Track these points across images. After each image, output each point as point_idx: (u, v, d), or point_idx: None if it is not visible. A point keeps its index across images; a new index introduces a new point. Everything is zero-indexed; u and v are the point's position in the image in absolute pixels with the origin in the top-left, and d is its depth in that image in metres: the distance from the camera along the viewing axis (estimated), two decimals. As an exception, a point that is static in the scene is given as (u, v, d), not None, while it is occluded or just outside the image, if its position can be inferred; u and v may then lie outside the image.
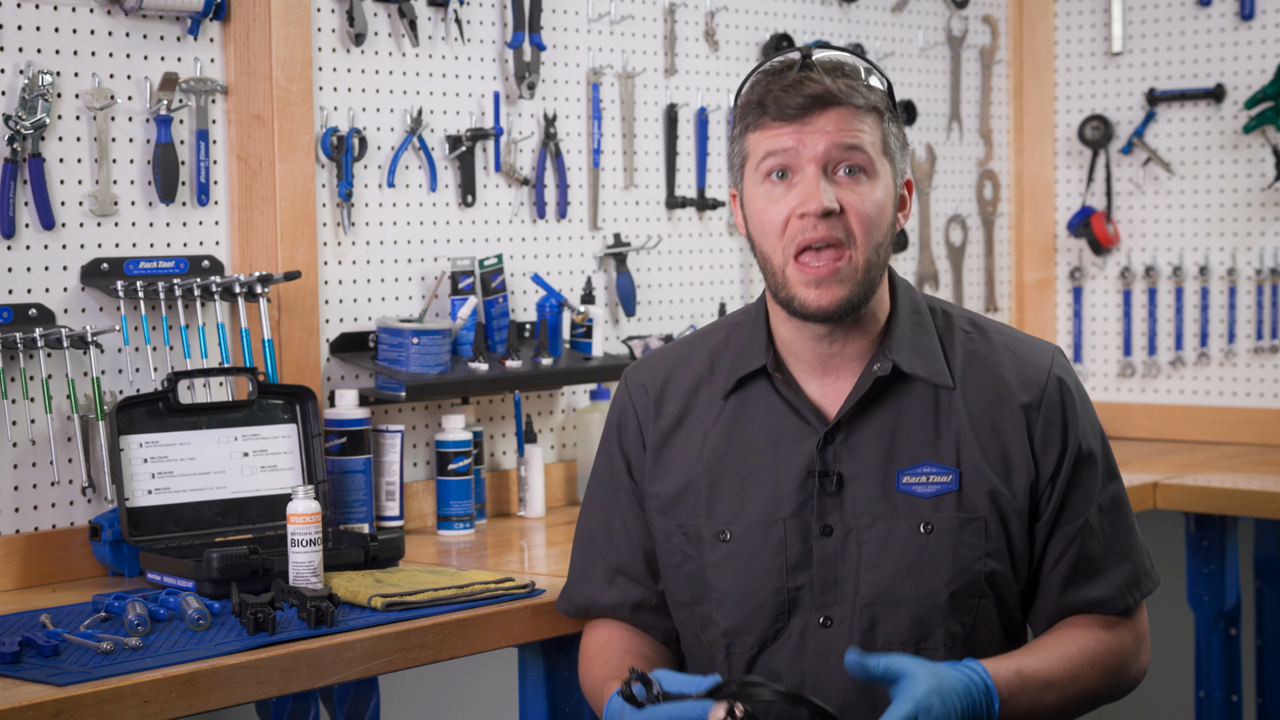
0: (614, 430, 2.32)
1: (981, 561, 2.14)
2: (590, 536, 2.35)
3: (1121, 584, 2.20)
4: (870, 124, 2.12)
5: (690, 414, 2.26)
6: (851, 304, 2.12)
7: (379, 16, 3.23)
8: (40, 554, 2.75)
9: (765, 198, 2.14)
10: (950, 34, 4.43)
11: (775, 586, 2.16)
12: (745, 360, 2.23)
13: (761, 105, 2.12)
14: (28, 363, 2.72)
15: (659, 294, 3.74)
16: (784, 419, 2.20)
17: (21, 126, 2.73)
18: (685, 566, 2.23)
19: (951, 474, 2.15)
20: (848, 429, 2.17)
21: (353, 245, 3.20)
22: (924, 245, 4.37)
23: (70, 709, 2.03)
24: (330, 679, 2.30)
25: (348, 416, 3.03)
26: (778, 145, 2.11)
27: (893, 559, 2.14)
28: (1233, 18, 4.29)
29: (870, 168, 2.12)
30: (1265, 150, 4.23)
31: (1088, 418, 2.22)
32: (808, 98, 2.09)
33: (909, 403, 2.18)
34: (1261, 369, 4.27)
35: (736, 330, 2.28)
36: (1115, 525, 2.22)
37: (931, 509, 2.14)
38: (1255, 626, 4.13)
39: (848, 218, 2.10)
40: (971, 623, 2.15)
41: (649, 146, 3.72)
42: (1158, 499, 3.62)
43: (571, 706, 2.68)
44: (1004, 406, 2.18)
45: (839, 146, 2.10)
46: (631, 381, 2.32)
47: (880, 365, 2.16)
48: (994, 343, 2.23)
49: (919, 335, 2.20)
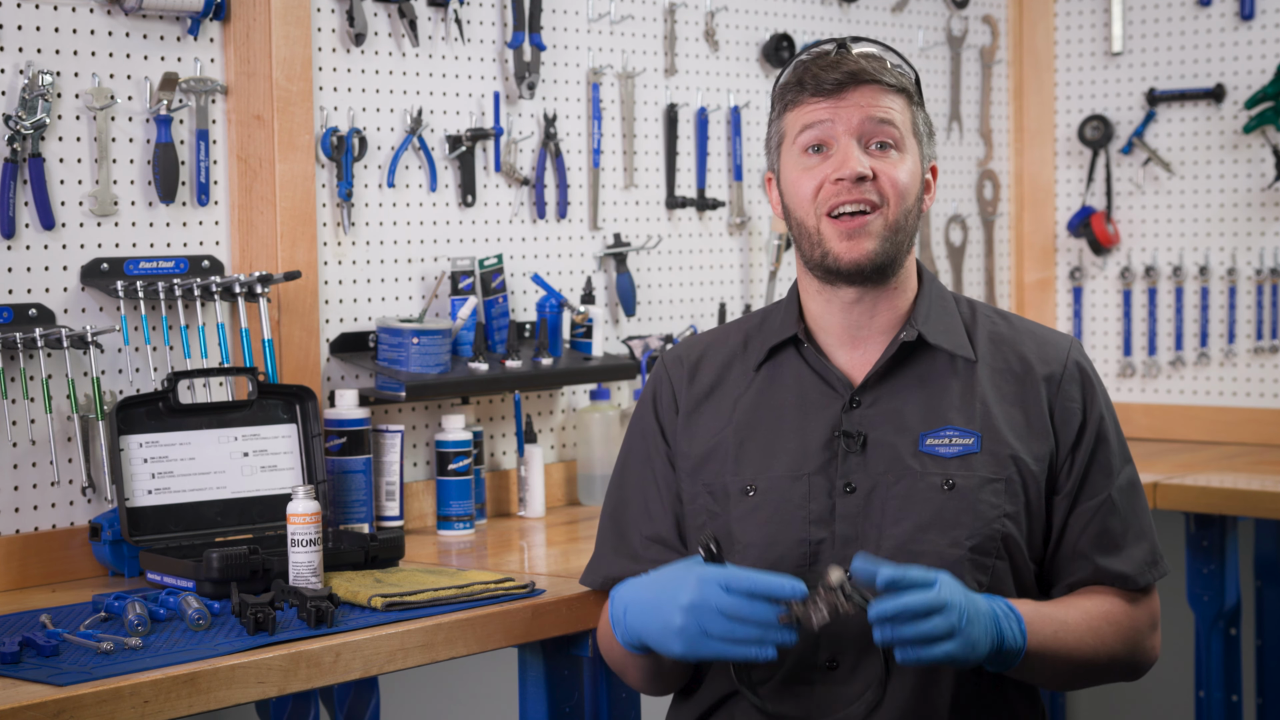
0: (648, 401, 2.38)
1: (1000, 521, 2.20)
2: (621, 509, 2.37)
3: (1142, 561, 2.26)
4: (900, 104, 2.24)
5: (723, 384, 2.34)
6: (882, 259, 2.22)
7: (379, 16, 3.23)
8: (40, 554, 2.75)
9: (801, 167, 2.24)
10: (950, 34, 4.43)
11: (798, 538, 2.21)
12: (776, 333, 2.32)
13: (800, 83, 2.24)
14: (28, 363, 2.72)
15: (659, 294, 3.74)
16: (812, 386, 2.28)
17: (21, 126, 2.73)
18: (710, 525, 2.27)
19: (973, 437, 2.22)
20: (874, 394, 2.26)
21: (353, 245, 3.20)
22: (924, 245, 4.37)
23: (70, 709, 2.03)
24: (330, 679, 2.30)
25: (348, 416, 3.03)
26: (814, 118, 2.22)
27: (915, 514, 2.20)
28: (1233, 18, 4.28)
29: (900, 143, 2.23)
30: (1265, 150, 4.23)
31: (1105, 399, 2.30)
32: (843, 74, 2.22)
33: (934, 372, 2.27)
34: (1261, 369, 4.27)
35: (771, 313, 2.38)
36: (1133, 505, 2.28)
37: (954, 468, 2.21)
38: (1255, 626, 4.13)
39: (880, 183, 2.21)
40: (989, 581, 2.20)
41: (649, 146, 3.72)
42: (1158, 499, 3.62)
43: (571, 706, 2.68)
44: (1025, 379, 2.27)
45: (872, 120, 2.22)
46: (668, 356, 2.41)
47: (907, 333, 2.26)
48: (1017, 327, 2.33)
49: (944, 315, 2.30)
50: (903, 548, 2.18)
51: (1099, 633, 2.20)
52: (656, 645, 2.12)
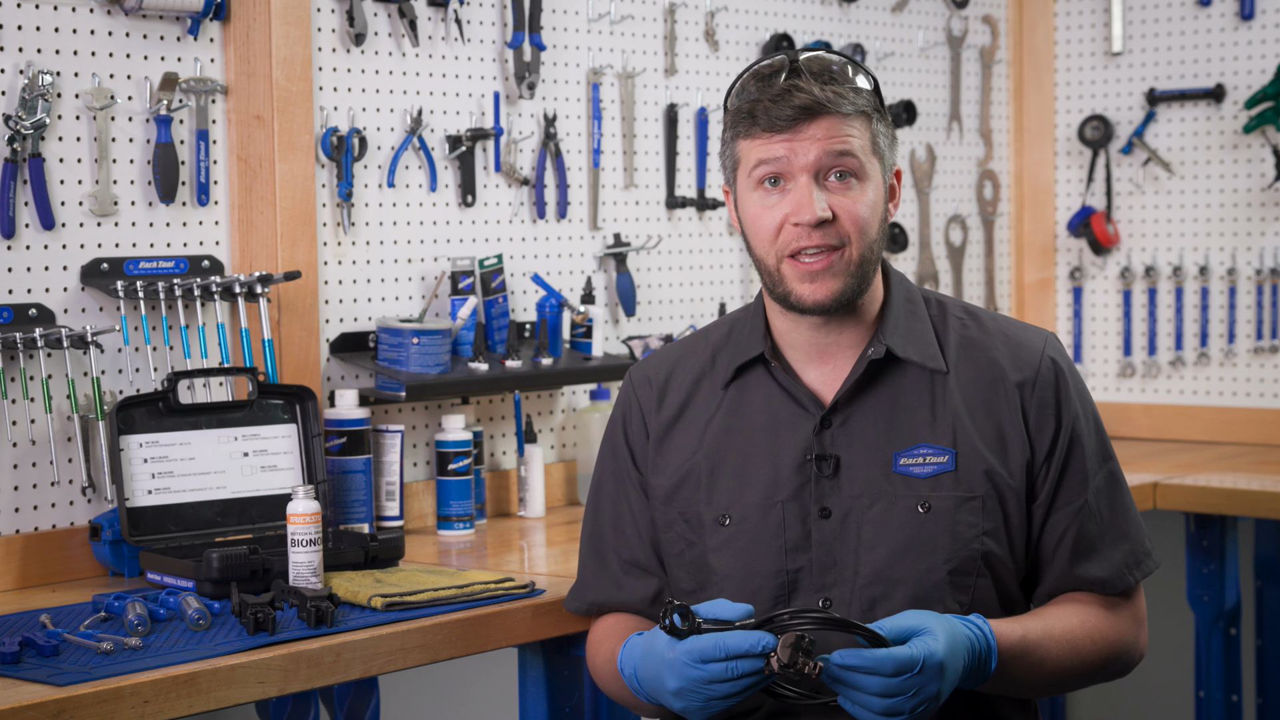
0: (619, 424, 2.35)
1: (979, 540, 2.17)
2: (599, 533, 2.35)
3: (1120, 564, 2.22)
4: (859, 127, 2.16)
5: (691, 405, 2.29)
6: (846, 296, 2.16)
7: (379, 16, 3.23)
8: (40, 554, 2.75)
9: (759, 204, 2.17)
10: (950, 34, 4.43)
11: (775, 568, 2.18)
12: (743, 350, 2.27)
13: (752, 116, 2.15)
14: (28, 363, 2.72)
15: (659, 294, 3.74)
16: (781, 405, 2.23)
17: (21, 126, 2.73)
18: (688, 553, 2.25)
19: (948, 454, 2.18)
20: (844, 413, 2.21)
21: (353, 245, 3.20)
22: (924, 245, 4.37)
23: (70, 709, 2.03)
24: (330, 679, 2.30)
25: (348, 416, 3.03)
26: (769, 154, 2.15)
27: (891, 538, 2.16)
28: (1233, 18, 4.28)
29: (860, 171, 2.16)
30: (1265, 150, 4.23)
31: (1081, 399, 2.25)
32: (796, 109, 2.13)
33: (904, 387, 2.21)
34: (1261, 369, 4.27)
35: (737, 325, 2.32)
36: (1112, 506, 2.24)
37: (929, 489, 2.17)
38: (1255, 626, 4.13)
39: (841, 223, 2.14)
40: (969, 601, 2.17)
41: (649, 146, 3.72)
42: (1158, 499, 3.62)
43: (571, 706, 2.68)
44: (998, 387, 2.21)
45: (830, 154, 2.14)
46: (636, 375, 2.36)
47: (874, 349, 2.20)
48: (988, 328, 2.26)
49: (913, 323, 2.24)
50: (881, 574, 2.15)
51: (1079, 650, 2.17)
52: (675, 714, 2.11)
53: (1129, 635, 2.24)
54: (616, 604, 2.33)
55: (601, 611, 2.35)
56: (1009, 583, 2.21)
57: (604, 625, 2.33)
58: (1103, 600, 2.22)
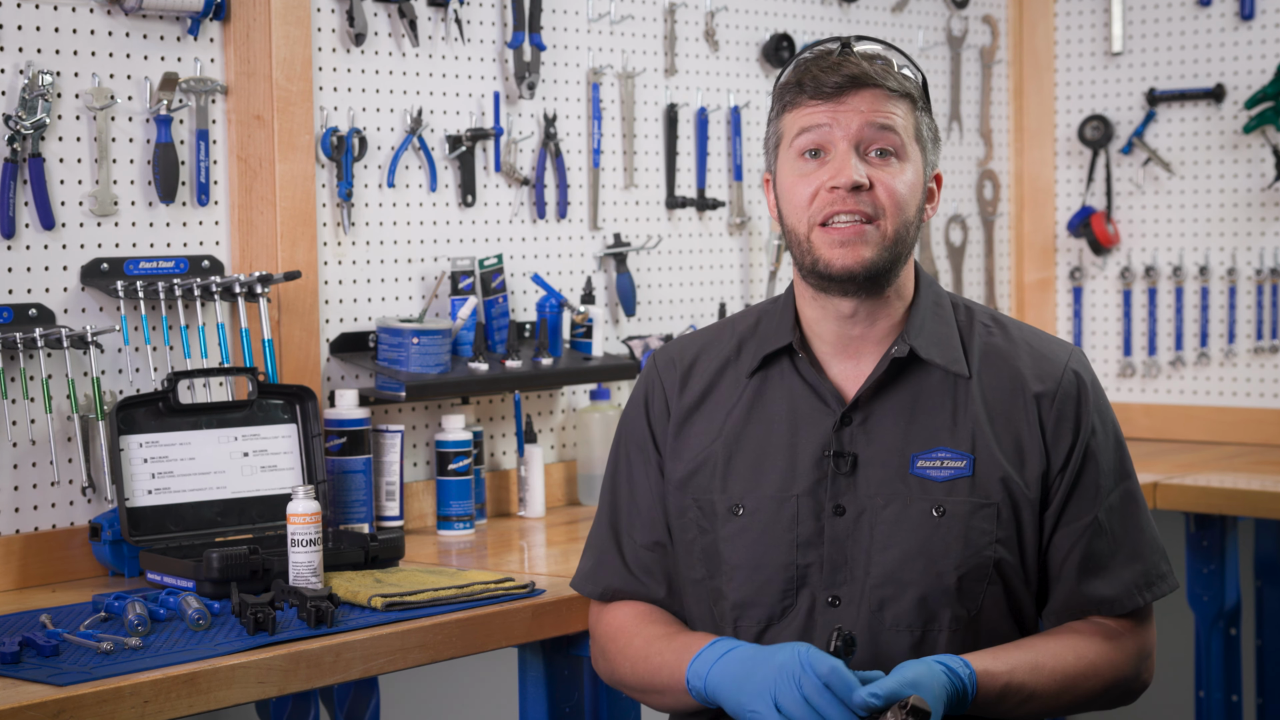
0: (640, 404, 2.34)
1: (991, 548, 2.16)
2: (616, 516, 2.34)
3: (1130, 584, 2.20)
4: (904, 109, 2.17)
5: (714, 392, 2.29)
6: (877, 268, 2.15)
7: (379, 16, 3.23)
8: (40, 554, 2.75)
9: (797, 172, 2.18)
10: (950, 34, 4.43)
11: (785, 562, 2.18)
12: (771, 340, 2.27)
13: (800, 84, 2.17)
14: (28, 363, 2.72)
15: (659, 294, 3.74)
16: (803, 399, 2.23)
17: (21, 126, 2.73)
18: (700, 541, 2.24)
19: (966, 459, 2.17)
20: (865, 411, 2.20)
21: (353, 245, 3.20)
22: (924, 245, 4.37)
23: (70, 709, 2.03)
24: (330, 679, 2.30)
25: (348, 416, 3.03)
26: (812, 122, 2.16)
27: (904, 541, 2.16)
28: (1233, 18, 4.29)
29: (901, 151, 2.16)
30: (1265, 150, 4.23)
31: (1102, 415, 2.24)
32: (844, 77, 2.14)
33: (926, 389, 2.21)
34: (1261, 369, 4.27)
35: (765, 316, 2.32)
36: (1126, 525, 2.22)
37: (945, 493, 2.17)
38: (1255, 626, 4.14)
39: (877, 193, 2.14)
40: (978, 608, 2.16)
41: (649, 146, 3.72)
42: (1158, 499, 3.62)
43: (571, 706, 2.68)
44: (1019, 397, 2.20)
45: (872, 125, 2.15)
46: (661, 358, 2.35)
47: (898, 348, 2.20)
48: (1013, 338, 2.26)
49: (939, 325, 2.24)
50: (891, 576, 2.15)
51: (1071, 685, 2.15)
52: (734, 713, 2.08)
53: (1128, 669, 2.21)
54: (633, 592, 2.31)
55: (616, 597, 2.33)
56: (1020, 592, 2.20)
57: (625, 617, 2.29)
58: (1104, 631, 2.20)
